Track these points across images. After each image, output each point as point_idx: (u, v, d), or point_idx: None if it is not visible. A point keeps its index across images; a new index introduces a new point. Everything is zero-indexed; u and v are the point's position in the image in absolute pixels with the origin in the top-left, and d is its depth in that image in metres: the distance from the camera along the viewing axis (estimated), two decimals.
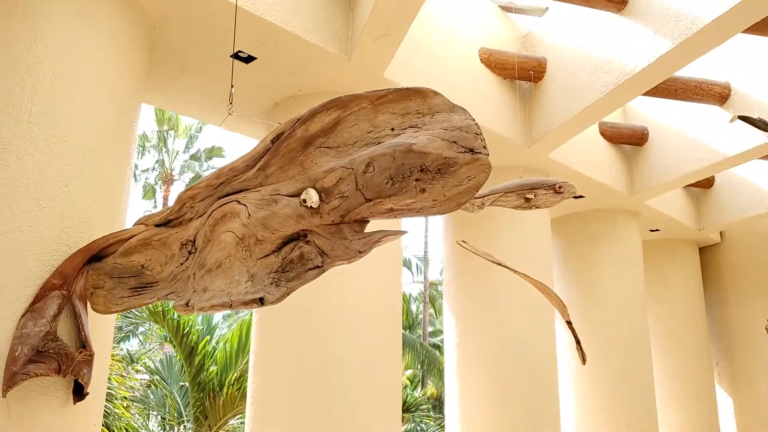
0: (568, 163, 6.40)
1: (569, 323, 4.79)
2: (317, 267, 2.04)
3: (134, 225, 2.76)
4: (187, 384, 8.09)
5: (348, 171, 1.96)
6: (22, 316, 2.77)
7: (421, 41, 4.90)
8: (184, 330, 7.68)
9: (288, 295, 2.04)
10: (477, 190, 1.93)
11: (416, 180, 1.90)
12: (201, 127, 21.36)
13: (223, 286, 2.17)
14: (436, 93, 1.96)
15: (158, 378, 8.50)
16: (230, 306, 2.08)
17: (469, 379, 5.92)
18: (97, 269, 2.84)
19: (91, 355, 2.93)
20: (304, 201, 2.01)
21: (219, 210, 2.30)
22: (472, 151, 1.88)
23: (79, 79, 3.12)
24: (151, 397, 8.34)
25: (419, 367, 21.81)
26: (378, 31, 3.97)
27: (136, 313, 7.91)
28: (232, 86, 2.86)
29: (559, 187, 4.07)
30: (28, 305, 2.79)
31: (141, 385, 8.33)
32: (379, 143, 1.97)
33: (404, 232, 1.99)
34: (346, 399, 4.30)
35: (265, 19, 3.81)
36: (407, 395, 12.94)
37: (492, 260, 4.61)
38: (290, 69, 4.38)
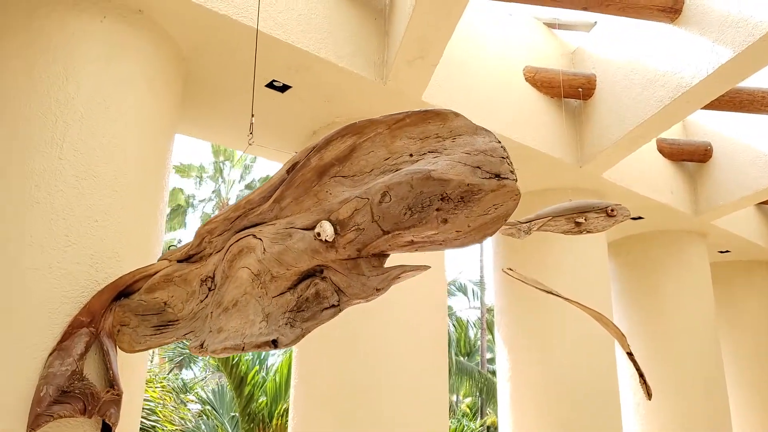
0: (624, 183, 6.05)
1: (630, 355, 4.43)
2: (333, 306, 1.88)
3: (159, 260, 2.69)
4: (237, 415, 8.04)
5: (363, 201, 1.81)
6: (50, 355, 2.73)
7: (461, 62, 4.74)
8: (233, 360, 7.66)
9: (303, 337, 1.88)
10: (505, 220, 1.73)
11: (437, 210, 1.72)
12: (255, 158, 21.84)
13: (237, 326, 2.04)
14: (457, 114, 1.79)
15: (210, 408, 8.50)
16: (242, 349, 1.94)
17: (523, 415, 5.58)
18: (123, 306, 2.78)
19: (119, 395, 2.86)
20: (318, 234, 1.86)
21: (236, 245, 2.19)
22: (498, 176, 1.69)
23: (109, 114, 3.12)
24: (203, 427, 8.34)
25: (478, 395, 21.21)
26: (412, 53, 3.84)
27: (186, 343, 7.96)
28: (252, 115, 2.77)
29: (612, 210, 3.79)
30: (56, 343, 2.75)
31: (193, 416, 8.35)
32: (396, 170, 1.81)
33: (426, 268, 1.81)
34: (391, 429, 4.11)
35: (297, 46, 3.75)
36: (464, 426, 12.49)
37: (542, 288, 4.34)
38: (326, 96, 4.30)
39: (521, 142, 5.06)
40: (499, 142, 1.74)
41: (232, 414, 8.29)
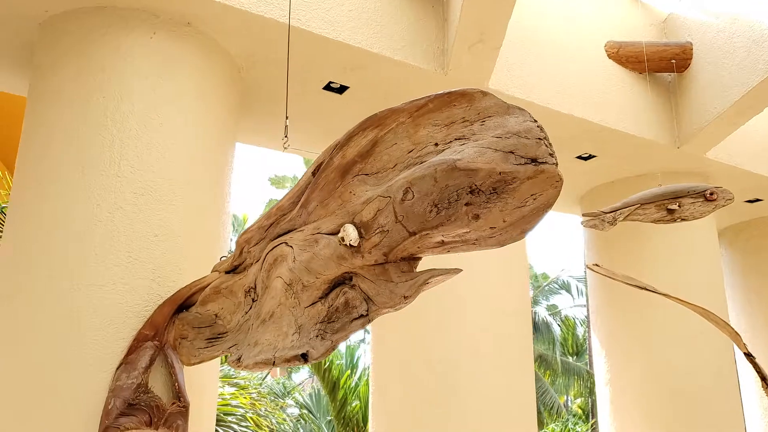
0: (734, 161, 5.39)
1: (748, 356, 3.91)
2: (362, 316, 1.71)
3: (211, 272, 2.66)
4: (333, 419, 8.08)
5: (385, 200, 1.62)
6: (117, 368, 2.78)
7: (533, 42, 4.41)
8: (324, 365, 7.70)
9: (332, 350, 1.73)
10: (546, 211, 1.48)
11: (466, 204, 1.50)
12: None
13: (271, 339, 1.92)
14: (485, 93, 1.56)
15: (306, 412, 8.61)
16: (273, 363, 1.82)
17: (625, 422, 5.11)
18: (182, 319, 2.77)
19: (185, 406, 2.86)
20: (342, 239, 1.70)
21: (271, 254, 2.08)
22: (534, 161, 1.44)
23: (163, 129, 3.15)
24: (301, 431, 8.47)
25: (588, 395, 20.18)
26: (471, 38, 3.60)
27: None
28: (287, 118, 2.67)
29: (711, 194, 3.33)
30: (122, 357, 2.80)
31: (291, 420, 8.49)
32: (421, 163, 1.61)
33: (458, 271, 1.59)
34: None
35: (349, 43, 3.62)
36: (569, 429, 11.84)
37: (635, 284, 3.92)
38: (385, 93, 4.14)
39: (607, 125, 4.62)
40: (536, 121, 1.49)
41: (328, 418, 8.34)
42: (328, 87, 4.07)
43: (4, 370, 2.74)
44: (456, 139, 1.57)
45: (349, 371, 7.99)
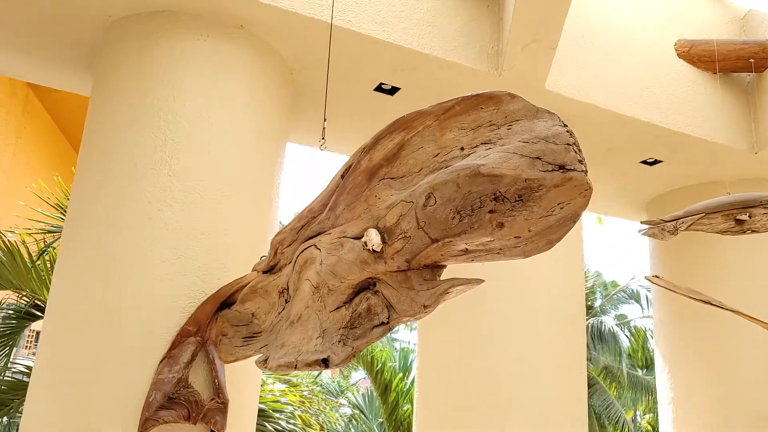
0: None
1: None
2: (383, 324, 1.66)
3: (251, 271, 2.68)
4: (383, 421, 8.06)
5: (408, 205, 1.57)
6: (161, 362, 2.85)
7: (597, 41, 4.21)
8: (377, 366, 7.69)
9: (353, 356, 1.69)
10: (574, 222, 1.38)
11: (490, 212, 1.43)
12: None
13: (297, 341, 1.91)
14: (513, 96, 1.48)
15: (359, 412, 8.63)
16: (295, 367, 1.81)
17: None
18: (223, 316, 2.81)
19: (224, 403, 2.90)
20: (366, 244, 1.66)
21: (301, 256, 2.07)
22: (562, 168, 1.35)
23: (213, 130, 3.21)
24: (352, 431, 8.50)
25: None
26: (525, 38, 3.48)
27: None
28: (324, 119, 2.65)
29: None
30: (166, 351, 2.87)
31: (343, 419, 8.53)
32: (446, 168, 1.54)
33: (479, 281, 1.52)
34: None
35: (399, 44, 3.57)
36: None
37: (699, 299, 3.68)
38: (438, 94, 4.06)
39: (677, 129, 4.36)
40: (565, 125, 1.40)
41: (380, 420, 8.33)
42: (379, 88, 4.05)
43: (59, 358, 2.87)
44: (482, 144, 1.50)
45: (401, 374, 7.96)
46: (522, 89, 3.90)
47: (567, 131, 1.38)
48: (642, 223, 3.43)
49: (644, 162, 4.82)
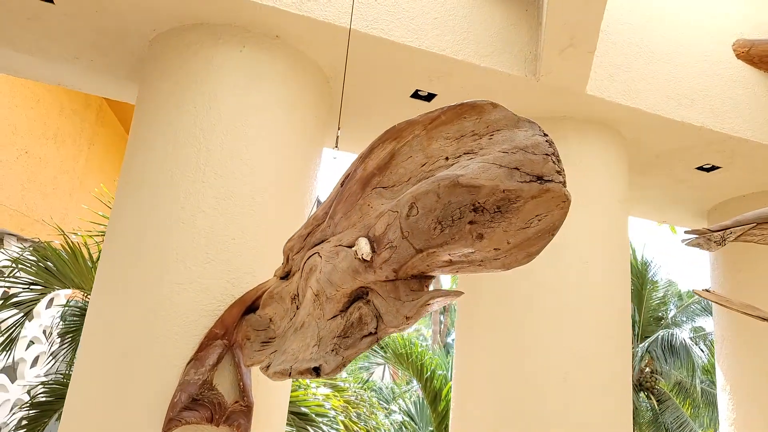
0: None
1: None
2: (371, 334, 1.65)
3: (273, 276, 2.73)
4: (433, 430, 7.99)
5: (394, 215, 1.56)
6: (188, 364, 2.95)
7: (644, 43, 4.04)
8: (426, 373, 7.64)
9: (343, 366, 1.69)
10: (553, 234, 1.33)
11: (470, 223, 1.40)
12: None
13: (296, 349, 1.93)
14: (495, 105, 1.44)
15: (409, 420, 8.59)
16: (289, 374, 1.83)
17: None
18: (248, 320, 2.88)
19: (248, 406, 2.96)
20: (356, 252, 1.66)
21: (307, 263, 2.09)
22: (540, 179, 1.31)
23: (247, 138, 3.30)
24: None
25: None
26: (561, 42, 3.38)
27: (378, 352, 8.18)
28: (339, 128, 2.66)
29: None
30: (193, 353, 2.97)
31: (394, 426, 8.52)
32: (430, 178, 1.52)
33: (459, 294, 1.48)
34: None
35: (433, 51, 3.55)
36: None
37: (756, 315, 3.44)
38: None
39: (733, 134, 4.11)
40: (545, 134, 1.35)
41: (430, 429, 8.26)
42: (415, 95, 4.04)
43: (95, 356, 3.03)
44: (465, 153, 1.47)
45: (451, 383, 7.84)
46: (561, 94, 3.81)
47: (546, 141, 1.33)
48: (686, 233, 3.24)
49: (701, 168, 4.56)
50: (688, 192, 4.97)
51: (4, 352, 5.40)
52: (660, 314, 16.12)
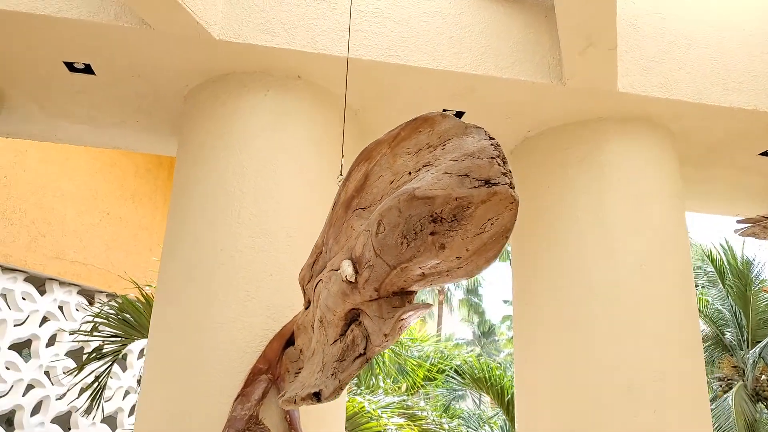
0: None
1: None
2: (361, 355, 1.66)
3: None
4: None
5: (367, 234, 1.58)
6: (235, 401, 3.04)
7: (674, 34, 3.85)
8: (507, 396, 7.42)
9: (341, 389, 1.70)
10: (506, 237, 1.30)
11: (431, 234, 1.39)
12: None
13: (305, 376, 1.96)
14: (444, 116, 1.45)
15: None
16: (294, 402, 1.85)
17: None
18: (286, 353, 2.95)
19: None
20: (342, 275, 1.69)
21: (315, 291, 2.13)
22: (488, 182, 1.29)
23: (277, 178, 3.43)
24: None
25: None
26: (579, 43, 3.29)
27: (455, 378, 8.02)
28: (342, 156, 2.71)
29: None
30: (240, 389, 3.06)
31: None
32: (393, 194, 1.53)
33: (428, 306, 1.47)
34: None
35: (451, 71, 3.56)
36: None
37: None
38: (504, 113, 3.97)
39: None
40: (491, 138, 1.34)
41: None
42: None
43: (149, 396, 3.19)
44: (424, 166, 1.48)
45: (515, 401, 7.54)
46: (593, 96, 3.71)
47: (491, 144, 1.32)
48: (739, 222, 3.02)
49: (765, 153, 4.24)
50: (757, 180, 4.62)
51: (96, 401, 5.77)
52: None
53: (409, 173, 1.53)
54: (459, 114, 4.01)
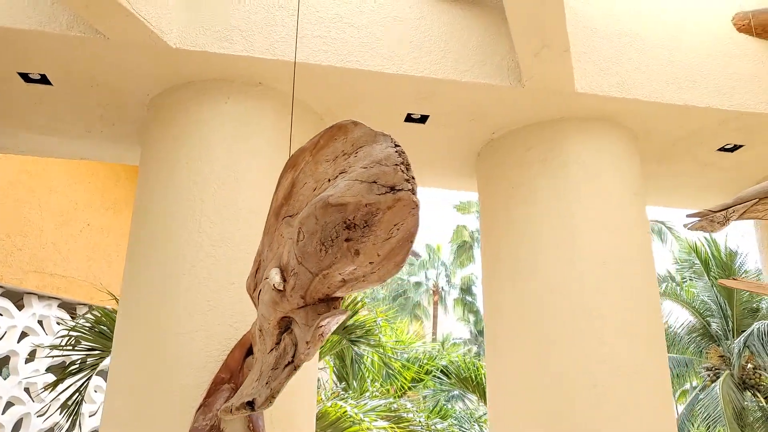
0: None
1: None
2: (289, 363, 1.67)
3: None
4: None
5: (290, 242, 1.59)
6: (197, 411, 3.04)
7: (631, 35, 3.89)
8: None
9: (272, 398, 1.71)
10: (411, 241, 1.32)
11: (346, 240, 1.41)
12: None
13: (245, 385, 1.97)
14: (356, 124, 1.46)
15: None
16: (230, 411, 1.86)
17: None
18: (247, 362, 2.95)
19: None
20: (270, 282, 1.70)
21: (259, 300, 2.14)
22: (393, 189, 1.31)
23: (239, 185, 3.43)
24: None
25: None
26: (533, 45, 3.32)
27: (442, 378, 8.04)
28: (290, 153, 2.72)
29: None
30: (201, 399, 3.06)
31: None
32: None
33: (344, 312, 1.48)
34: None
35: (410, 75, 3.58)
36: None
37: None
38: (468, 115, 4.00)
39: (744, 110, 3.85)
40: (397, 146, 1.36)
41: None
42: (409, 119, 4.07)
43: (113, 407, 3.19)
44: (340, 173, 1.49)
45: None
46: (551, 96, 3.74)
47: (396, 151, 1.34)
48: (688, 216, 3.06)
49: (723, 149, 4.29)
50: (719, 175, 4.67)
51: (73, 417, 5.73)
52: (754, 305, 14.97)
53: (329, 180, 1.54)
54: (424, 117, 4.04)
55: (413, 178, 1.30)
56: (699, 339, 16.24)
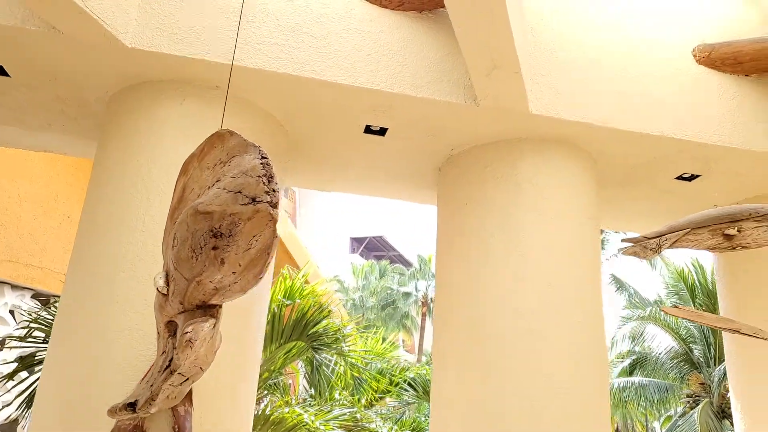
0: None
1: None
2: (166, 368, 1.68)
3: None
4: None
5: (169, 248, 1.61)
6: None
7: (593, 60, 3.91)
8: None
9: (151, 400, 1.72)
10: (268, 253, 1.34)
11: (213, 249, 1.43)
12: None
13: (138, 386, 1.98)
14: (232, 133, 1.48)
15: None
16: (115, 412, 1.87)
17: None
18: None
19: None
20: (155, 286, 1.71)
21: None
22: (254, 200, 1.33)
23: None
24: None
25: None
26: (485, 65, 3.34)
27: (408, 390, 8.02)
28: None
29: None
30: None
31: None
32: None
33: (206, 320, 1.49)
34: None
35: (367, 88, 3.61)
36: None
37: (729, 327, 3.20)
38: (426, 129, 4.02)
39: (703, 141, 3.87)
40: (264, 157, 1.38)
41: None
42: (368, 130, 4.09)
43: (44, 403, 3.19)
44: (217, 181, 1.51)
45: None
46: (505, 116, 3.76)
47: (261, 163, 1.36)
48: (623, 241, 3.08)
49: (681, 178, 4.31)
50: (678, 203, 4.69)
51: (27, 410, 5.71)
52: None
53: (209, 187, 1.56)
54: (383, 130, 4.06)
55: (275, 190, 1.32)
56: (681, 365, 16.21)
